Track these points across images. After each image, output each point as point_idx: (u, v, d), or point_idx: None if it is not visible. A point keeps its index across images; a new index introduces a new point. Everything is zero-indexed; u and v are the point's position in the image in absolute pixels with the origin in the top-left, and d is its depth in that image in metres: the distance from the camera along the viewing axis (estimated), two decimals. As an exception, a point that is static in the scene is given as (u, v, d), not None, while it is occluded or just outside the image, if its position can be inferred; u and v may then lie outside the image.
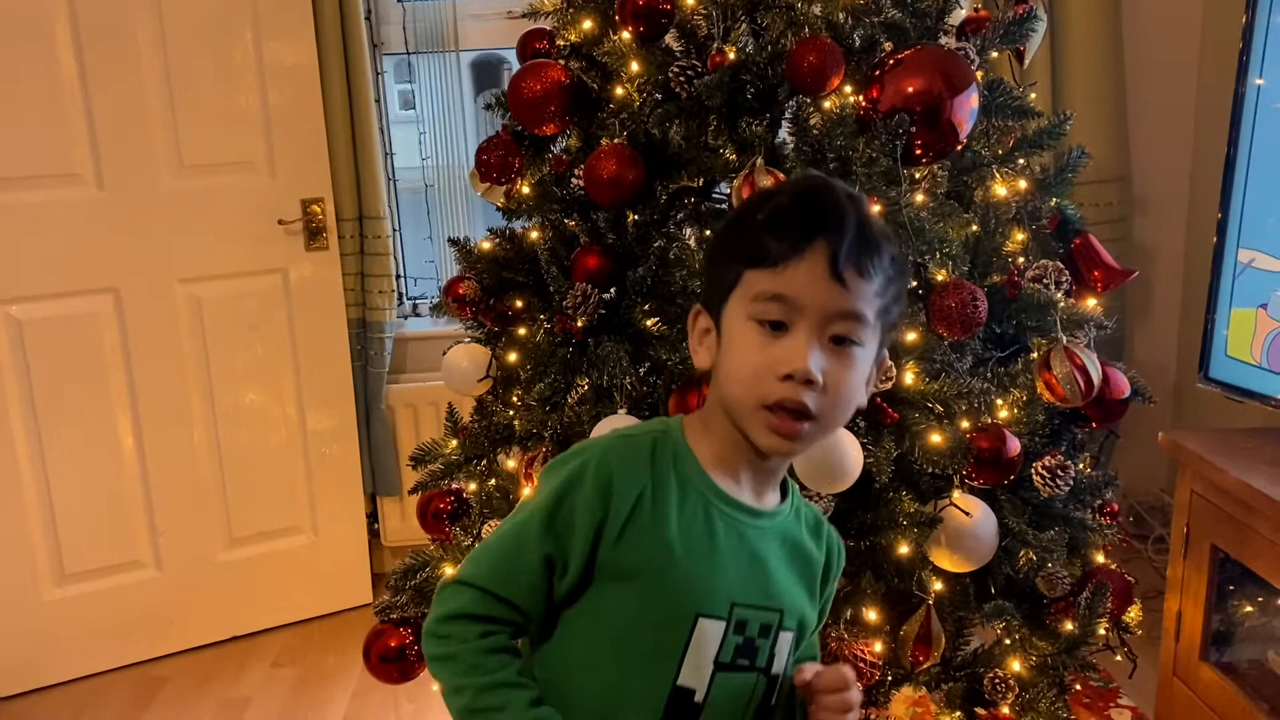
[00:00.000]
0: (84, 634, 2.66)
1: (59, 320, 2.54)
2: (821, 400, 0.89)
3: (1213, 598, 1.99)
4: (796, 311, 0.89)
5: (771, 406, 0.89)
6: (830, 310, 0.89)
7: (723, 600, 0.94)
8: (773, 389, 0.89)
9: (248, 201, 2.68)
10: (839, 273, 0.88)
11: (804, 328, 0.89)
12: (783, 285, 0.89)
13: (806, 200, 0.92)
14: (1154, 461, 2.85)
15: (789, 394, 0.88)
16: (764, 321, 0.90)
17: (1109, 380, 1.64)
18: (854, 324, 0.90)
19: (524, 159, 1.80)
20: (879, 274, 0.91)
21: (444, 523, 1.94)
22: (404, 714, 2.44)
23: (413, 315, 3.09)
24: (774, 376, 0.88)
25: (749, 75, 1.61)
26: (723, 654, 0.94)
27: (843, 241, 0.89)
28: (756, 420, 0.91)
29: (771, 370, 0.89)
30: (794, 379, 0.88)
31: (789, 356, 0.88)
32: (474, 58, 3.20)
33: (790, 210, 0.91)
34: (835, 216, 0.90)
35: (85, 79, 2.46)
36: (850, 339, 0.90)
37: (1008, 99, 1.72)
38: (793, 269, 0.88)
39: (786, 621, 0.98)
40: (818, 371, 0.88)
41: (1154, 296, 2.98)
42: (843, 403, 0.91)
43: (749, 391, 0.90)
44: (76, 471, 2.59)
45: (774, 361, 0.89)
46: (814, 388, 0.88)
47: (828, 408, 0.90)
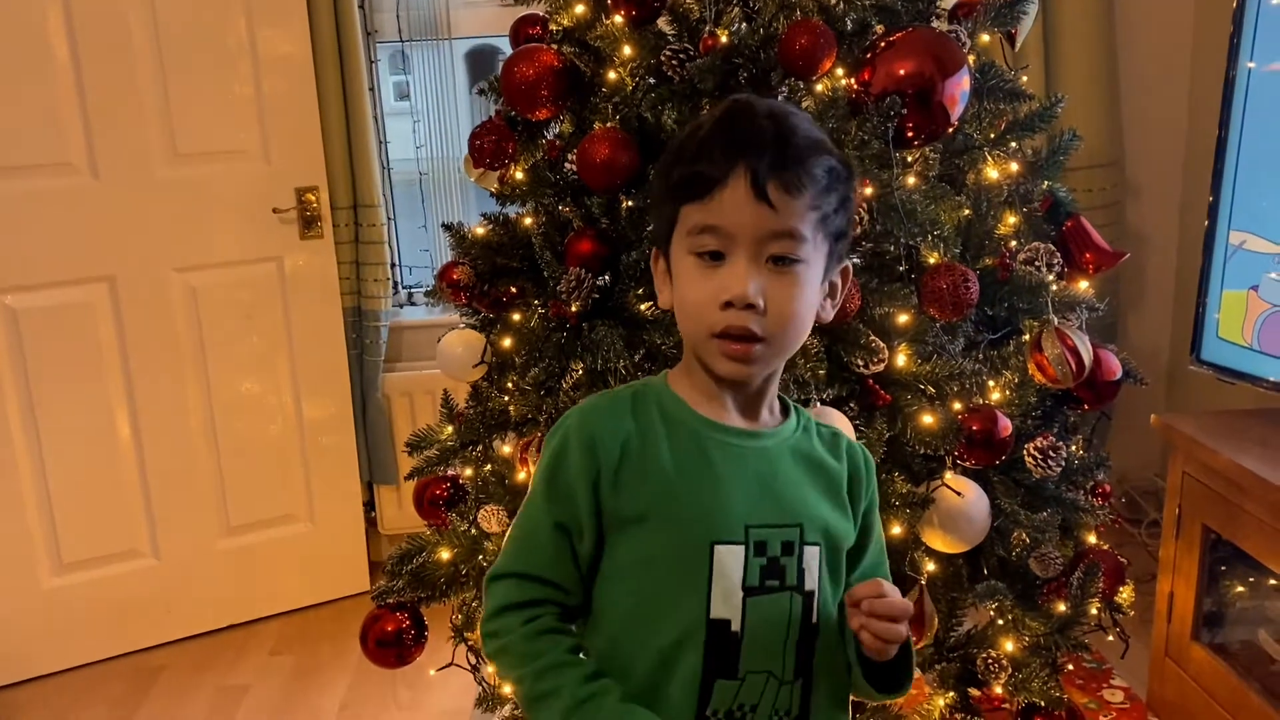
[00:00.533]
0: (82, 622, 2.66)
1: (54, 309, 2.54)
2: (765, 321, 0.90)
3: (1204, 578, 2.01)
4: (729, 239, 0.90)
5: (719, 334, 0.91)
6: (761, 232, 0.89)
7: (736, 524, 0.94)
8: (717, 318, 0.90)
9: (242, 190, 2.67)
10: (764, 193, 0.88)
11: (739, 254, 0.90)
12: (712, 215, 0.90)
13: (724, 125, 0.93)
14: (1148, 446, 2.86)
15: (732, 320, 0.90)
16: (702, 253, 0.91)
17: (1100, 362, 1.65)
18: (789, 242, 0.90)
19: (517, 144, 1.80)
20: (809, 186, 0.90)
21: (440, 509, 1.95)
22: (402, 700, 2.45)
23: (408, 304, 3.09)
24: (716, 305, 0.90)
25: (741, 59, 1.61)
26: (749, 578, 0.93)
27: (762, 161, 0.89)
28: (710, 350, 0.93)
29: (714, 299, 0.90)
30: (734, 305, 0.89)
31: (727, 284, 0.90)
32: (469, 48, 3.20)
33: (709, 138, 0.92)
34: (753, 137, 0.90)
35: (79, 67, 2.46)
36: (789, 257, 0.91)
37: (999, 82, 1.73)
38: (719, 198, 0.89)
39: (808, 535, 0.97)
40: (757, 295, 0.89)
41: (1147, 280, 2.99)
42: (790, 321, 0.92)
43: (698, 323, 0.92)
44: (73, 460, 2.60)
45: (715, 290, 0.90)
46: (755, 311, 0.90)
47: (774, 327, 0.91)
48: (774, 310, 0.90)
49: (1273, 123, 1.96)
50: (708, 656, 0.93)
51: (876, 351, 1.51)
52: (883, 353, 1.52)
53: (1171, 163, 2.93)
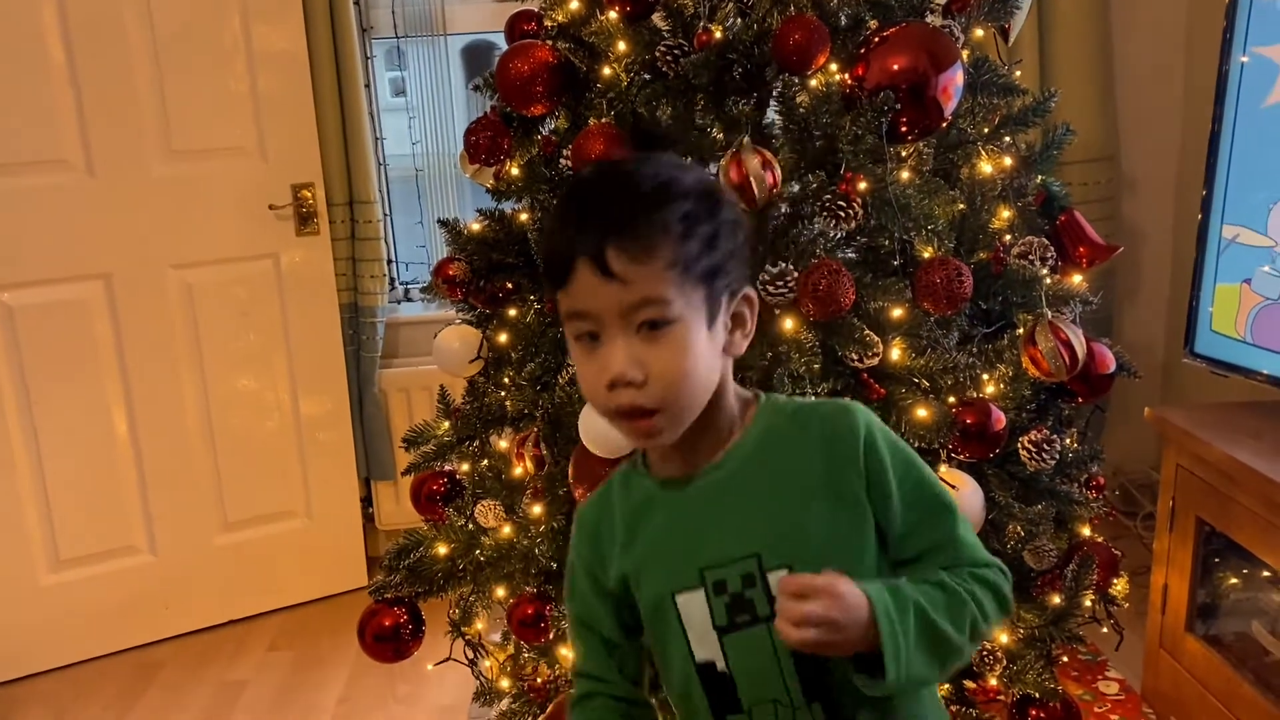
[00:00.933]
0: (80, 619, 2.67)
1: (51, 306, 2.54)
2: (650, 391, 0.88)
3: (1198, 570, 2.02)
4: (596, 320, 0.88)
5: (614, 415, 0.91)
6: (621, 307, 0.87)
7: (687, 571, 0.95)
8: (608, 399, 0.89)
9: (238, 187, 2.68)
10: (608, 270, 0.86)
11: (609, 332, 0.88)
12: (573, 301, 0.89)
13: (563, 206, 0.93)
14: (1144, 439, 2.87)
15: (619, 400, 0.89)
16: (580, 336, 0.90)
17: (1094, 355, 1.65)
18: (652, 308, 0.87)
19: (512, 140, 1.80)
20: (658, 245, 0.86)
21: (438, 504, 1.95)
22: (400, 695, 2.46)
23: (405, 300, 3.09)
24: (603, 388, 0.89)
25: (736, 54, 1.61)
26: (716, 619, 0.94)
27: (597, 242, 0.86)
28: (618, 428, 0.93)
29: (599, 383, 0.89)
30: (616, 384, 0.88)
31: (604, 365, 0.88)
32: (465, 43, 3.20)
33: (554, 222, 0.93)
34: (588, 211, 0.89)
35: (74, 65, 2.46)
36: (662, 320, 0.87)
37: (993, 76, 1.73)
38: (573, 284, 0.88)
39: (769, 562, 0.92)
40: (633, 369, 0.87)
41: (1143, 274, 3.00)
42: (679, 383, 0.88)
43: (598, 407, 0.92)
44: (70, 457, 2.60)
45: (597, 374, 0.89)
46: (635, 385, 0.87)
47: (662, 394, 0.88)
48: (657, 377, 0.87)
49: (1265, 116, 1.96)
50: (709, 696, 0.96)
51: (871, 345, 1.52)
52: (877, 347, 1.53)
53: (1166, 156, 2.94)
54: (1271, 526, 1.78)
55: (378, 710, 2.41)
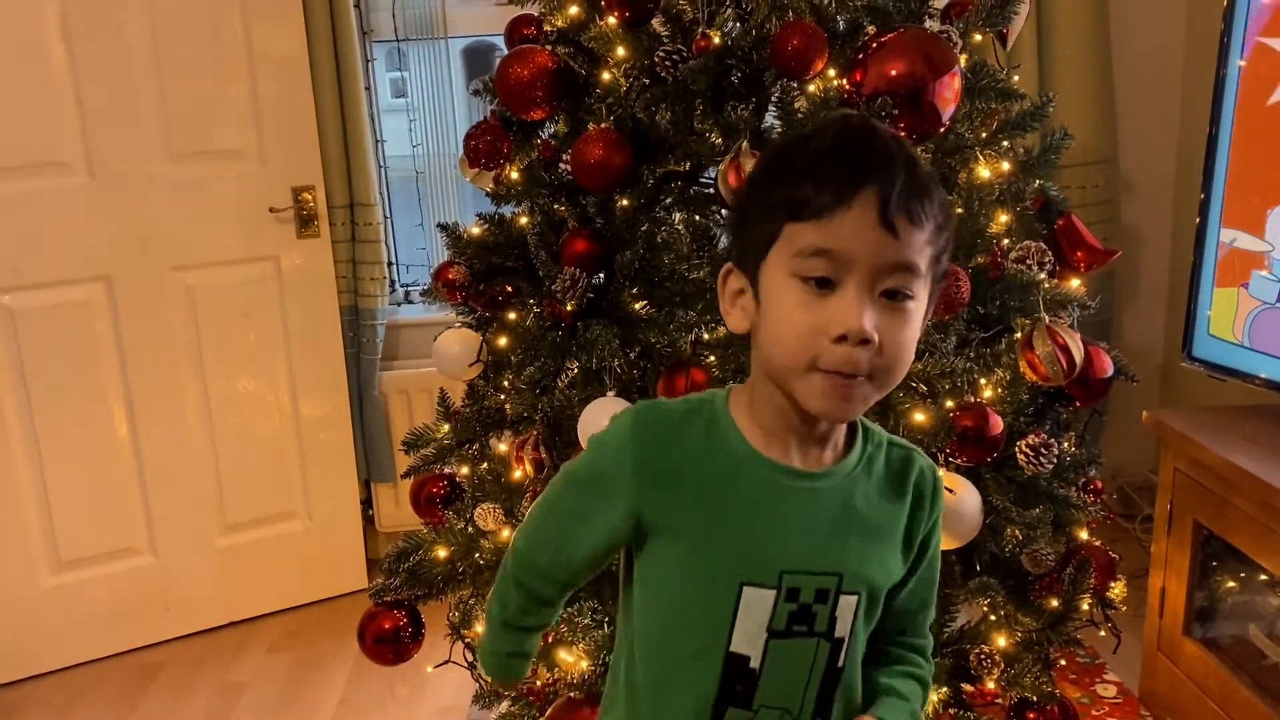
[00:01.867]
0: (80, 621, 2.67)
1: (52, 309, 2.55)
2: (877, 360, 0.83)
3: (1195, 574, 2.02)
4: (845, 266, 0.82)
5: (825, 369, 0.83)
6: (882, 263, 0.82)
7: (770, 568, 0.90)
8: (825, 352, 0.82)
9: (239, 189, 2.68)
10: (890, 221, 0.81)
11: (854, 283, 0.82)
12: (829, 238, 0.82)
13: (850, 143, 0.85)
14: (1143, 443, 2.87)
15: (843, 357, 0.82)
16: (809, 278, 0.83)
17: (1091, 359, 1.65)
18: (908, 276, 0.83)
19: (512, 144, 1.80)
20: (930, 220, 0.84)
21: (437, 507, 1.95)
22: (399, 697, 2.47)
23: (405, 302, 3.10)
24: (825, 338, 0.82)
25: (734, 59, 1.62)
26: (775, 622, 0.91)
27: (893, 186, 0.81)
28: (808, 384, 0.85)
29: (823, 331, 0.82)
30: (847, 340, 0.82)
31: (841, 316, 0.82)
32: (466, 45, 3.21)
33: (833, 155, 0.84)
34: (883, 159, 0.83)
35: (74, 67, 2.46)
36: (904, 292, 0.84)
37: (991, 81, 1.74)
38: (839, 219, 0.81)
39: (847, 585, 0.92)
40: (873, 329, 0.82)
41: (1141, 278, 3.00)
42: (899, 362, 0.85)
43: (798, 355, 0.84)
44: (71, 459, 2.61)
45: (825, 322, 0.82)
46: (869, 347, 0.82)
47: (883, 368, 0.84)
48: (888, 347, 0.83)
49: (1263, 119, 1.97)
50: (723, 684, 0.92)
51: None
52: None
53: (1165, 160, 2.94)
54: (1269, 530, 1.79)
55: (377, 712, 2.42)
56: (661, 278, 1.68)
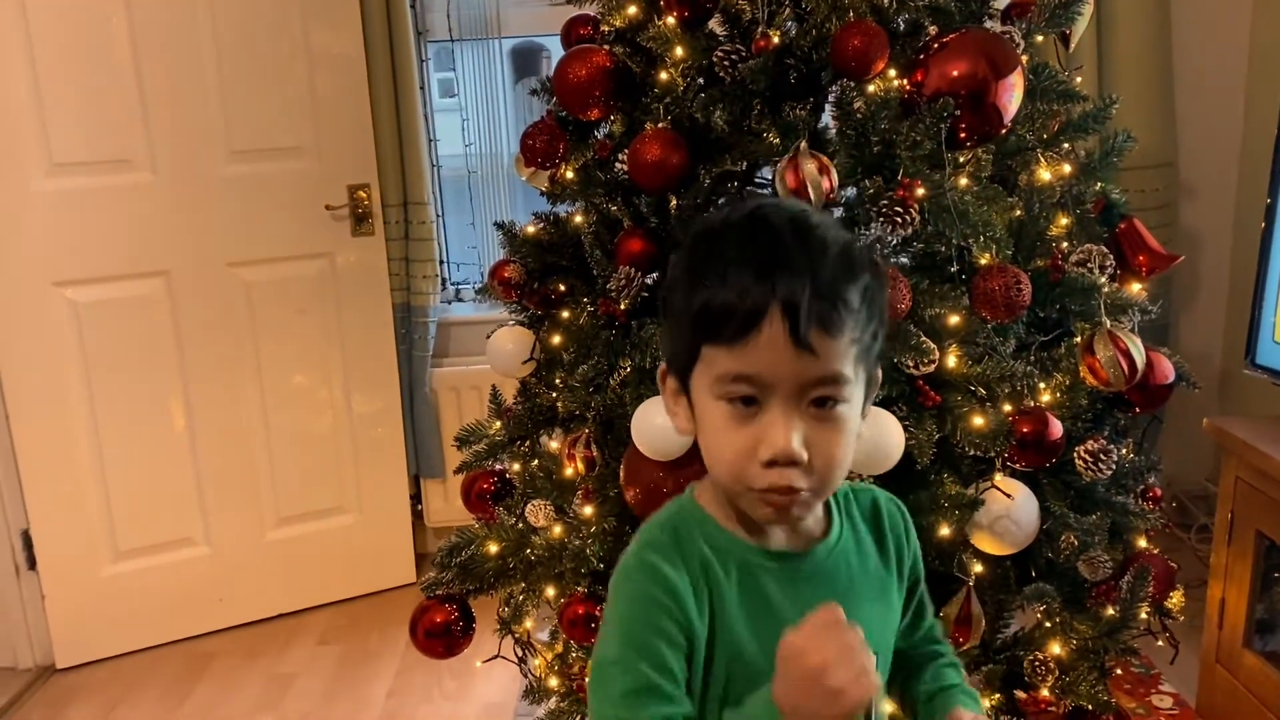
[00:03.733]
0: (136, 609, 2.73)
1: (113, 303, 2.60)
2: (811, 474, 0.81)
3: (1257, 585, 1.98)
4: (767, 389, 0.79)
5: (758, 490, 0.82)
6: (803, 380, 0.79)
7: None
8: (758, 475, 0.81)
9: (296, 187, 2.72)
10: (805, 340, 0.77)
11: (779, 402, 0.79)
12: (745, 364, 0.79)
13: (748, 249, 0.80)
14: (1199, 451, 2.82)
15: (775, 480, 0.81)
16: (734, 399, 0.81)
17: (1153, 365, 1.63)
18: (833, 386, 0.80)
19: (568, 144, 1.81)
20: (848, 321, 0.79)
21: (488, 502, 1.97)
22: (447, 690, 2.49)
23: (456, 300, 3.12)
24: (754, 461, 0.81)
25: (793, 59, 1.62)
26: None
27: (800, 304, 0.77)
28: (748, 501, 0.84)
29: (753, 454, 0.80)
30: (777, 462, 0.80)
31: (769, 439, 0.80)
32: (513, 45, 3.22)
33: (732, 264, 0.80)
34: (785, 275, 0.78)
35: (140, 68, 2.52)
36: (832, 399, 0.81)
37: (1053, 83, 1.72)
38: (751, 345, 0.78)
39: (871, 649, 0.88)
40: (800, 448, 0.80)
41: (1201, 283, 2.95)
42: (833, 468, 0.83)
43: (733, 476, 0.83)
44: (131, 451, 2.66)
45: (751, 443, 0.80)
46: (800, 466, 0.80)
47: (820, 475, 0.82)
48: (820, 460, 0.81)
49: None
50: None
51: (927, 352, 1.51)
52: (933, 354, 1.52)
53: (1227, 163, 2.88)
54: (1334, 542, 1.75)
55: (425, 705, 2.44)
56: (716, 277, 1.68)
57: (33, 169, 2.48)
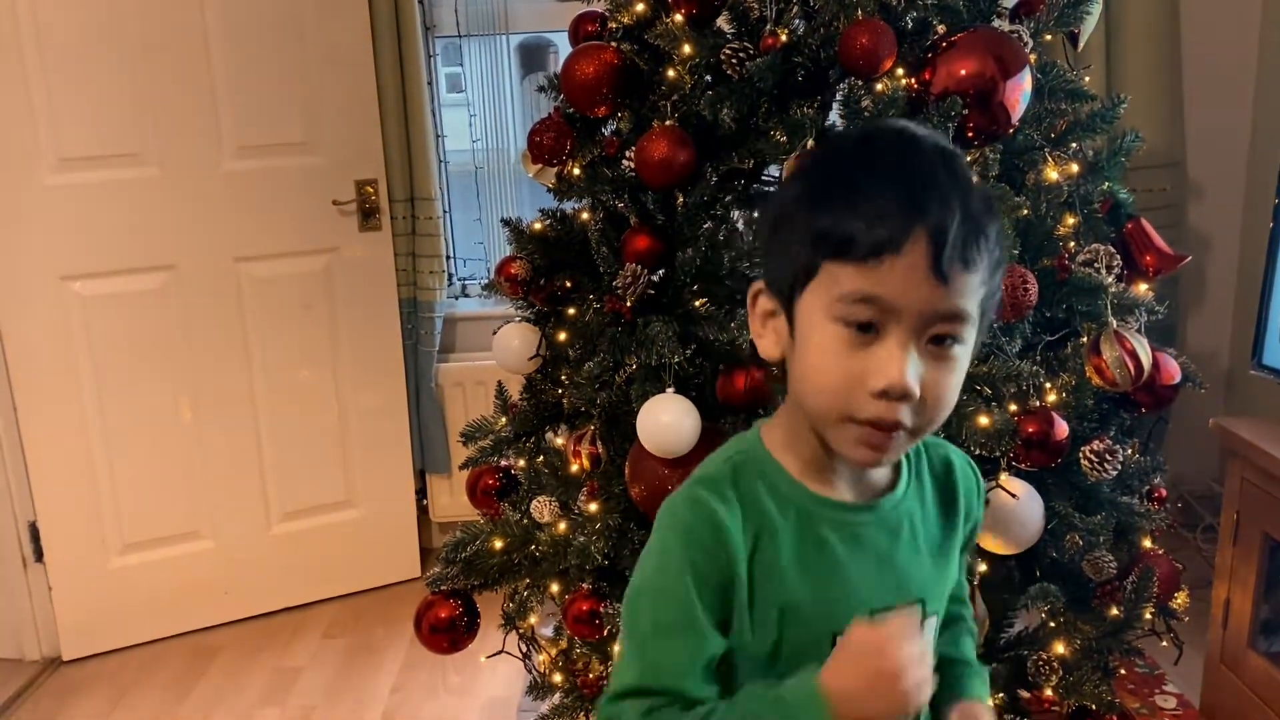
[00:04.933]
0: (144, 602, 2.74)
1: (121, 297, 2.61)
2: (919, 413, 0.78)
3: (1262, 585, 1.98)
4: (891, 314, 0.76)
5: (857, 421, 0.78)
6: (931, 312, 0.76)
7: (857, 612, 0.83)
8: (864, 404, 0.77)
9: (303, 182, 2.73)
10: (943, 271, 0.74)
11: (900, 332, 0.76)
12: (875, 285, 0.75)
13: (904, 171, 0.77)
14: (1204, 451, 2.82)
15: (883, 412, 0.77)
16: (851, 323, 0.77)
17: (1159, 365, 1.63)
18: (957, 324, 0.77)
19: (576, 140, 1.82)
20: (986, 259, 0.77)
21: (493, 498, 1.98)
22: (451, 685, 2.49)
23: (462, 296, 3.13)
24: (865, 390, 0.76)
25: (800, 57, 1.62)
26: None
27: (949, 231, 0.74)
28: (842, 433, 0.80)
29: (862, 383, 0.76)
30: (888, 395, 0.76)
31: (884, 369, 0.76)
32: (520, 41, 3.22)
33: (884, 185, 0.76)
34: (937, 199, 0.75)
35: (148, 62, 2.52)
36: (953, 337, 0.78)
37: (1061, 82, 1.72)
38: (888, 266, 0.74)
39: (930, 607, 0.89)
40: (916, 383, 0.76)
41: (1207, 284, 2.94)
42: (942, 409, 0.80)
43: (835, 404, 0.79)
44: (138, 444, 2.67)
45: (865, 373, 0.76)
46: (910, 402, 0.76)
47: (925, 419, 0.79)
48: (931, 400, 0.77)
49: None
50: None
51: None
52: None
53: (1234, 164, 2.88)
54: (1340, 543, 1.75)
55: (429, 700, 2.45)
56: (722, 275, 1.68)
57: (41, 163, 2.49)
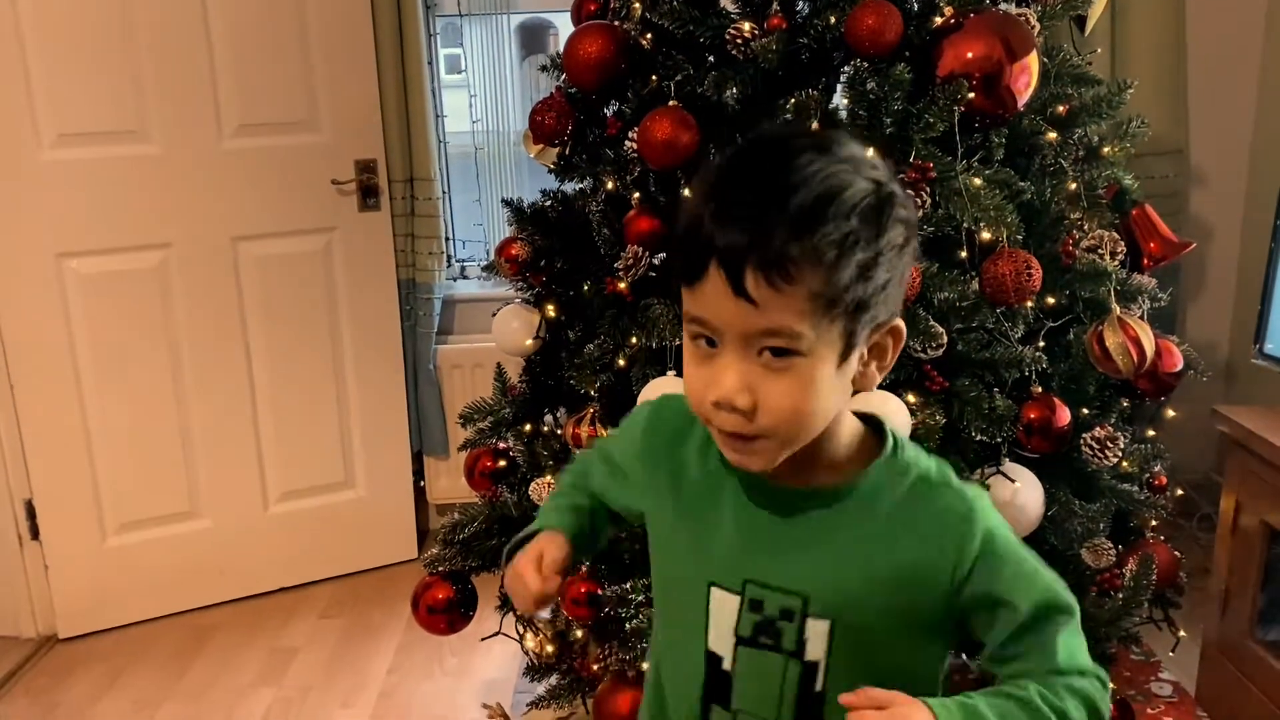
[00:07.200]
0: (140, 580, 2.73)
1: (118, 275, 2.59)
2: (757, 420, 0.80)
3: (1260, 574, 1.98)
4: (716, 332, 0.80)
5: (712, 428, 0.84)
6: (747, 329, 0.78)
7: (733, 574, 0.90)
8: (710, 414, 0.83)
9: (302, 161, 2.71)
10: (742, 289, 0.76)
11: (729, 348, 0.80)
12: (699, 308, 0.80)
13: (703, 201, 0.79)
14: (1202, 440, 2.81)
15: (721, 421, 0.82)
16: (697, 337, 0.82)
17: (1161, 353, 1.62)
18: (781, 338, 0.78)
19: (577, 121, 1.80)
20: (804, 272, 0.75)
21: (490, 480, 1.97)
22: (448, 667, 2.49)
23: (461, 277, 3.11)
24: (708, 401, 0.82)
25: (806, 38, 1.60)
26: (741, 628, 0.90)
27: (737, 254, 0.75)
28: (717, 438, 0.85)
29: (705, 394, 0.82)
30: (720, 406, 0.81)
31: (717, 381, 0.80)
32: (520, 21, 3.20)
33: (690, 215, 0.80)
34: (735, 211, 0.77)
35: (146, 38, 2.49)
36: (786, 350, 0.78)
37: (1067, 66, 1.70)
38: (700, 289, 0.79)
39: (814, 608, 0.88)
40: (741, 395, 0.79)
41: (1209, 272, 2.93)
42: (789, 417, 0.80)
43: (699, 412, 0.84)
44: (134, 422, 2.66)
45: (705, 384, 0.82)
46: (742, 412, 0.80)
47: (768, 424, 0.80)
48: (767, 408, 0.79)
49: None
50: (706, 681, 0.94)
51: (935, 337, 1.50)
52: (941, 338, 1.51)
53: (1238, 152, 2.86)
54: (1339, 533, 1.75)
55: (426, 681, 2.45)
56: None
57: (38, 139, 2.46)
